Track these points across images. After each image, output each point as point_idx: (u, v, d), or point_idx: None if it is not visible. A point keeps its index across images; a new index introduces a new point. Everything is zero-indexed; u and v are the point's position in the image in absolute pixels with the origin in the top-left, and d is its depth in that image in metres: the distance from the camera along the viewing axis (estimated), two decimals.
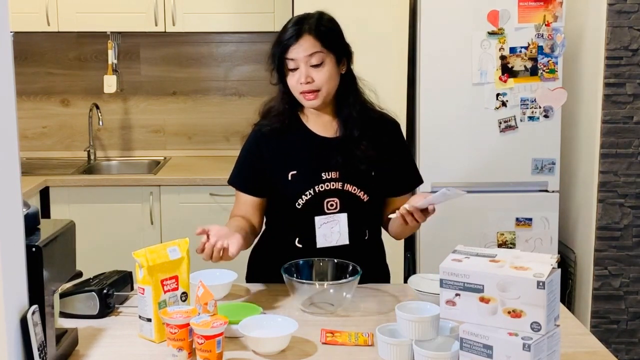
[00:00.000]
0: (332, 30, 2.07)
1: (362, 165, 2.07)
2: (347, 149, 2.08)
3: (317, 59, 2.01)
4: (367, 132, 2.10)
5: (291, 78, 2.04)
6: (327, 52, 2.02)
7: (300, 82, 2.01)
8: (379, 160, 2.09)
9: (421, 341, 1.56)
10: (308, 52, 2.00)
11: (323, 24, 2.05)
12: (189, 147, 4.19)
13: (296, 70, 2.02)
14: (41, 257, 1.45)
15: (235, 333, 1.70)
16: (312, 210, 2.06)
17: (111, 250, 3.46)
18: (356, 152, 2.07)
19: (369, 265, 2.07)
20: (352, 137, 2.08)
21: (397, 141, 2.18)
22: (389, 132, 2.17)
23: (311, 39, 2.01)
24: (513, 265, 1.45)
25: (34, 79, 4.10)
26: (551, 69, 3.27)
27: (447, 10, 3.28)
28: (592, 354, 1.68)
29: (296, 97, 2.07)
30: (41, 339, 1.45)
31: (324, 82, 2.02)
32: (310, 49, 2.00)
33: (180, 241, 1.82)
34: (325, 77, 2.02)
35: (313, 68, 2.01)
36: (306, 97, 2.03)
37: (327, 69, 2.02)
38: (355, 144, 2.08)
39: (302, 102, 2.06)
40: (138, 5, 3.70)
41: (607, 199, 3.31)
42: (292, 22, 2.05)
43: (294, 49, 2.00)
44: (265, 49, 4.33)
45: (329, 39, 2.03)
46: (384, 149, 2.12)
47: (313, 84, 2.01)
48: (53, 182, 3.55)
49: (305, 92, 2.02)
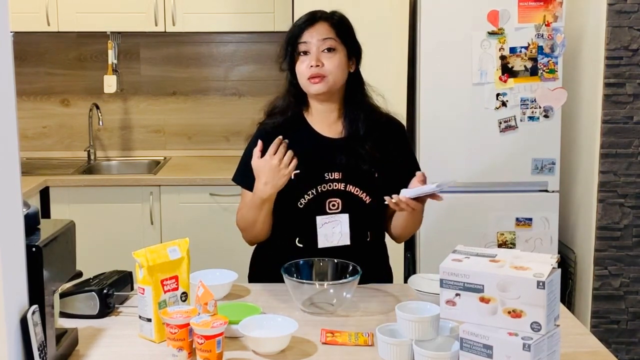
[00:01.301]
0: (345, 25, 2.12)
1: (365, 165, 2.07)
2: (351, 149, 2.08)
3: (330, 44, 2.05)
4: (373, 133, 2.10)
5: (301, 63, 2.06)
6: (340, 42, 2.07)
7: (311, 64, 2.03)
8: (383, 162, 2.09)
9: (421, 341, 1.56)
10: (322, 37, 2.04)
11: (337, 16, 2.11)
12: (189, 147, 4.19)
13: (307, 54, 2.05)
14: (41, 257, 1.45)
15: (235, 333, 1.70)
16: (314, 210, 2.07)
17: (111, 250, 3.46)
18: (360, 152, 2.08)
19: (371, 267, 2.07)
20: (357, 138, 2.09)
21: (401, 143, 2.19)
22: (394, 134, 2.17)
23: (326, 25, 2.07)
24: (513, 265, 1.45)
25: (34, 79, 4.10)
26: (551, 69, 3.27)
27: (447, 10, 3.28)
28: (592, 354, 1.68)
29: (302, 86, 2.08)
30: (41, 339, 1.45)
31: (332, 69, 2.04)
32: (324, 34, 2.05)
33: (180, 241, 1.82)
34: (334, 64, 2.05)
35: (324, 53, 2.04)
36: (312, 81, 2.04)
37: (337, 57, 2.05)
38: (360, 144, 2.09)
39: (308, 88, 2.07)
40: (138, 5, 3.70)
41: (607, 199, 3.31)
42: (307, 13, 2.10)
43: (308, 32, 2.05)
44: (265, 48, 4.35)
45: (342, 30, 2.09)
46: (389, 151, 2.12)
47: (322, 68, 2.03)
48: (53, 182, 3.55)
49: (313, 76, 2.03)
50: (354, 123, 2.10)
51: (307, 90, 2.08)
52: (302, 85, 2.08)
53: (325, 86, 2.05)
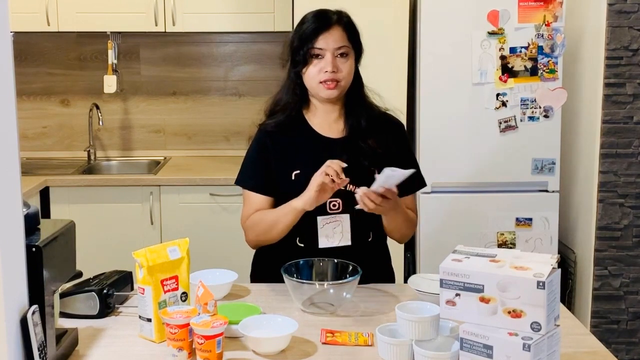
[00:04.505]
0: (355, 27, 2.11)
1: (366, 160, 2.07)
2: (351, 149, 2.08)
3: (344, 50, 2.04)
4: (372, 130, 2.11)
5: (313, 67, 2.04)
6: (351, 47, 2.07)
7: (326, 70, 2.01)
8: (384, 159, 2.09)
9: (421, 341, 1.56)
10: (338, 44, 2.03)
11: (347, 18, 2.09)
12: (189, 147, 4.19)
13: (319, 58, 2.03)
14: (41, 257, 1.45)
15: (235, 333, 1.70)
16: (315, 210, 2.05)
17: (111, 250, 3.46)
18: (362, 146, 2.08)
19: (373, 267, 2.07)
20: (358, 137, 2.09)
21: (400, 142, 2.18)
22: (393, 132, 2.17)
23: (340, 30, 2.05)
24: (513, 265, 1.45)
25: (34, 79, 4.09)
26: (551, 69, 3.27)
27: (447, 10, 3.28)
28: (592, 354, 1.68)
29: (311, 88, 2.07)
30: (41, 339, 1.45)
31: (346, 75, 2.05)
32: (340, 41, 2.04)
33: (180, 241, 1.82)
34: (348, 70, 2.05)
35: (339, 58, 2.03)
36: (327, 86, 2.03)
37: (350, 63, 2.06)
38: (362, 139, 2.09)
39: (320, 92, 2.05)
40: (138, 5, 3.70)
41: (607, 199, 3.31)
42: (316, 13, 2.07)
43: (324, 38, 2.02)
44: (265, 48, 4.34)
45: (353, 34, 2.08)
46: (388, 147, 2.12)
47: (337, 74, 2.03)
48: (53, 182, 3.55)
49: (327, 81, 2.02)
50: (355, 122, 2.10)
51: (317, 93, 2.07)
52: (312, 88, 2.07)
53: (338, 92, 2.05)
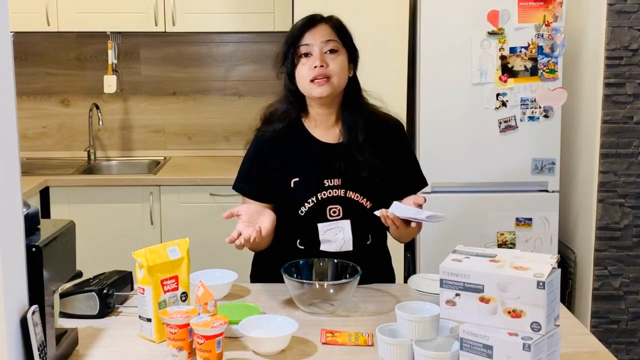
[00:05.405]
0: (345, 28, 2.09)
1: (364, 172, 2.05)
2: (350, 155, 2.06)
3: (333, 45, 2.02)
4: (371, 137, 2.08)
5: (302, 66, 2.01)
6: (341, 45, 2.04)
7: (315, 65, 1.98)
8: (382, 167, 2.07)
9: (421, 341, 1.56)
10: (324, 38, 2.01)
11: (336, 19, 2.09)
12: (189, 147, 4.19)
13: (308, 57, 2.01)
14: (41, 257, 1.45)
15: (235, 333, 1.70)
16: (315, 217, 2.05)
17: (111, 250, 3.46)
18: (359, 159, 2.05)
19: (373, 269, 2.06)
20: (356, 143, 2.06)
21: (400, 143, 2.17)
22: (392, 134, 2.15)
23: (327, 27, 2.04)
24: (513, 265, 1.45)
25: (34, 79, 4.10)
26: (551, 69, 3.27)
27: (447, 10, 3.28)
28: (592, 354, 1.67)
29: (304, 90, 2.04)
30: (41, 339, 1.45)
31: (337, 71, 2.01)
32: (326, 36, 2.02)
33: (180, 241, 1.82)
34: (338, 65, 2.01)
35: (328, 55, 2.01)
36: (317, 83, 1.99)
37: (340, 59, 2.02)
38: (359, 150, 2.06)
39: (312, 91, 2.01)
40: (138, 5, 3.70)
41: (607, 199, 3.31)
42: (304, 17, 2.07)
43: (310, 34, 2.01)
44: (265, 48, 4.35)
45: (343, 33, 2.06)
46: (388, 153, 2.10)
47: (327, 69, 1.99)
48: (53, 182, 3.55)
49: (317, 78, 1.99)
50: (352, 129, 2.06)
51: (309, 93, 2.03)
52: (304, 89, 2.03)
53: (329, 88, 2.00)
